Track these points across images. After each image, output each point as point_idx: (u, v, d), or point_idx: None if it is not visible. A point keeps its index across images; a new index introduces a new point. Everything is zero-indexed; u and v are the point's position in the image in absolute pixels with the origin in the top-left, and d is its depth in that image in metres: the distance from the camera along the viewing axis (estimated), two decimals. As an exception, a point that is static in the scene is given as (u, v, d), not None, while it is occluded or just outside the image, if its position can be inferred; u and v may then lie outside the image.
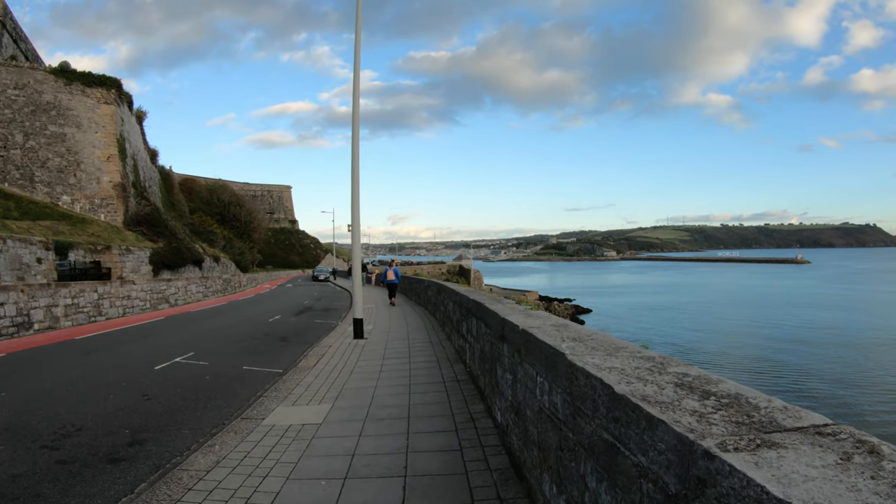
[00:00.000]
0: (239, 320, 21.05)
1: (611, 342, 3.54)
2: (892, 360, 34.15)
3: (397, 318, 19.29)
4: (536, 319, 4.89)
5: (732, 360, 35.39)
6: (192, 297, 34.63)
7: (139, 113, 55.87)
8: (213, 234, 66.19)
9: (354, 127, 13.88)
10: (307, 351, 12.85)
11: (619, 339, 3.91)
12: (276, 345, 14.42)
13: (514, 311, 5.77)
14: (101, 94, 44.14)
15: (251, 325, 18.96)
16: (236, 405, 8.37)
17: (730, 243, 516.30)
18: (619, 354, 3.10)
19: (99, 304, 24.37)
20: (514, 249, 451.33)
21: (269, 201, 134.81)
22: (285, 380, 9.58)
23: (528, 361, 4.03)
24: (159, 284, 30.62)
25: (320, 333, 16.26)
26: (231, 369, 11.22)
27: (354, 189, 13.78)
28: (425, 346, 12.28)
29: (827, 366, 32.52)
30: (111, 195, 42.10)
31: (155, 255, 37.51)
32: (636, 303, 76.65)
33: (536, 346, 3.75)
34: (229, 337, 15.94)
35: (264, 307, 27.57)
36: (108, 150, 43.18)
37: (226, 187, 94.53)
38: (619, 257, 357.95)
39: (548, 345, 3.45)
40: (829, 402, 23.98)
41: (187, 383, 9.98)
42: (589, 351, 3.20)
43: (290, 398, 8.21)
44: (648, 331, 48.65)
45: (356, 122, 13.85)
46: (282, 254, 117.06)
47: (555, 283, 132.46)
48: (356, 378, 9.24)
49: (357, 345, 13.05)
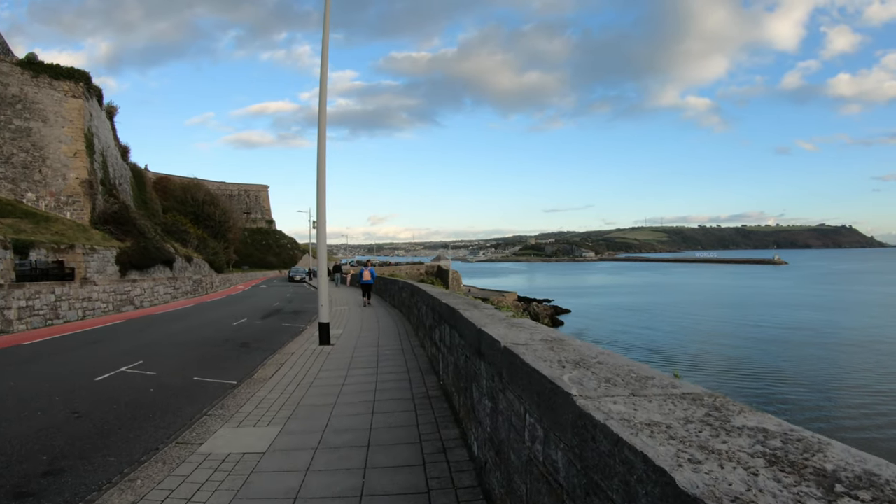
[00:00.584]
0: (202, 323, 19.80)
1: (629, 369, 2.54)
2: (864, 359, 34.24)
3: (369, 322, 18.20)
4: (522, 332, 3.87)
5: (712, 362, 35.18)
6: (159, 299, 33.20)
7: (110, 108, 54.01)
8: (187, 234, 64.40)
9: (321, 122, 12.81)
10: (267, 359, 11.73)
11: (632, 360, 2.93)
12: (236, 352, 13.25)
13: (493, 320, 4.73)
14: (69, 88, 42.38)
15: (213, 330, 17.74)
16: (177, 426, 7.27)
17: (707, 244, 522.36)
18: (650, 392, 2.10)
19: (56, 306, 22.96)
20: (493, 250, 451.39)
21: (246, 201, 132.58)
22: (236, 394, 8.48)
23: (514, 391, 3.02)
24: (123, 285, 29.20)
25: (285, 339, 15.10)
26: (180, 381, 10.08)
27: (320, 186, 12.68)
28: (396, 353, 11.22)
29: (803, 367, 32.36)
30: (78, 192, 40.39)
31: (122, 255, 35.95)
32: (615, 303, 76.49)
33: (525, 373, 2.73)
34: (187, 343, 14.74)
35: (232, 309, 26.30)
36: (75, 146, 41.45)
37: (201, 186, 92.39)
38: (597, 258, 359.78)
39: (542, 375, 2.43)
40: (803, 406, 23.94)
41: (127, 398, 8.84)
42: (603, 385, 2.20)
43: (236, 417, 7.13)
44: (628, 332, 48.43)
45: (323, 115, 12.77)
46: (258, 254, 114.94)
47: (533, 283, 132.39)
48: (314, 393, 8.15)
49: (322, 352, 11.94)
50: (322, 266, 13.11)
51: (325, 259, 13.12)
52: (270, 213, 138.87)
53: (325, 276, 12.93)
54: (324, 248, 13.21)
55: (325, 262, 13.09)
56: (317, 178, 12.63)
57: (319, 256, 13.20)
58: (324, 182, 12.64)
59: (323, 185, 12.65)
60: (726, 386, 28.63)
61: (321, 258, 13.16)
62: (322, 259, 13.17)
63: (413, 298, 14.31)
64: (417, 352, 11.12)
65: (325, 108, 12.83)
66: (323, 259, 13.18)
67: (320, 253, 13.19)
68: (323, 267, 13.11)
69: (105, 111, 51.51)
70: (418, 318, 12.66)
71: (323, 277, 12.94)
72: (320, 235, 13.05)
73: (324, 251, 13.18)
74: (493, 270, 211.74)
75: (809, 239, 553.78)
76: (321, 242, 13.15)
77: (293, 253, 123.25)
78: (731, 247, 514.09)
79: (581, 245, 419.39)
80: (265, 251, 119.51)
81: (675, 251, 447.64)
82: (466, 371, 5.03)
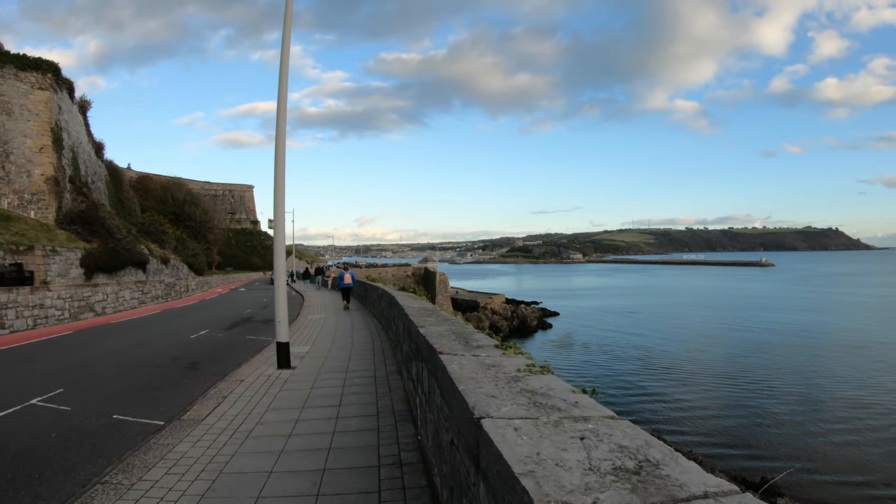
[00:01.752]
0: (159, 335, 17.64)
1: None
2: (857, 362, 34.22)
3: (343, 336, 16.11)
4: (560, 433, 1.93)
5: (703, 366, 34.37)
6: (124, 305, 30.97)
7: (83, 102, 51.39)
8: (165, 235, 61.99)
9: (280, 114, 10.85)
10: (212, 388, 9.68)
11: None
12: (180, 376, 11.15)
13: (501, 389, 2.75)
14: (36, 79, 39.97)
15: (167, 344, 15.60)
16: (56, 502, 5.28)
17: (694, 246, 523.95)
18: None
19: (1, 315, 20.76)
20: (481, 252, 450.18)
21: (231, 201, 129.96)
22: (152, 446, 6.46)
23: None
24: (83, 290, 26.96)
25: (244, 357, 13.00)
26: (96, 420, 8.04)
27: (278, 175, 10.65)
28: (366, 383, 9.20)
29: (794, 371, 32.14)
30: (43, 190, 37.98)
31: (88, 257, 33.59)
32: (604, 306, 75.87)
33: None
34: (128, 363, 12.62)
35: (199, 317, 24.16)
36: (40, 140, 39.05)
37: (182, 185, 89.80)
38: (585, 260, 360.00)
39: None
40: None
41: (18, 446, 6.85)
42: None
43: (136, 490, 5.13)
44: (618, 336, 47.26)
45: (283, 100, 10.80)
46: (243, 255, 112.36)
47: (521, 285, 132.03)
48: (249, 449, 6.12)
49: (277, 379, 9.90)
50: (280, 269, 10.93)
51: (283, 261, 10.98)
52: (255, 213, 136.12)
53: (282, 287, 10.76)
54: (282, 248, 11.10)
55: (283, 264, 10.95)
56: (275, 166, 10.61)
57: (276, 258, 11.04)
58: (282, 170, 10.62)
59: (282, 171, 10.62)
60: (717, 392, 27.91)
61: (278, 260, 11.00)
62: (280, 260, 11.00)
63: (391, 311, 12.34)
64: (393, 381, 9.12)
65: (286, 92, 10.87)
66: (281, 259, 11.02)
67: (277, 254, 11.05)
68: (281, 271, 10.93)
69: (77, 105, 48.98)
70: (396, 336, 10.68)
71: (280, 288, 10.79)
72: (278, 234, 10.93)
73: (282, 251, 11.06)
74: (480, 272, 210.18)
75: (796, 241, 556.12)
76: (279, 242, 11.03)
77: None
78: (718, 249, 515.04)
79: (569, 247, 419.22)
80: (249, 252, 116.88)
81: (662, 253, 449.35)
82: (452, 461, 3.07)
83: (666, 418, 23.42)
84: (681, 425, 22.37)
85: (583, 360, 38.44)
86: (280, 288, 10.68)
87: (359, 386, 8.96)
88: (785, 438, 20.63)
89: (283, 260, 10.95)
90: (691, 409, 24.76)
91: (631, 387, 29.51)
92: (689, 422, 22.97)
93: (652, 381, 30.87)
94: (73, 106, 46.74)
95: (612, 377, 32.09)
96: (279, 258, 10.98)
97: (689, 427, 22.26)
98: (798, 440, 20.45)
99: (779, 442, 20.33)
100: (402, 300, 10.40)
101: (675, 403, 25.68)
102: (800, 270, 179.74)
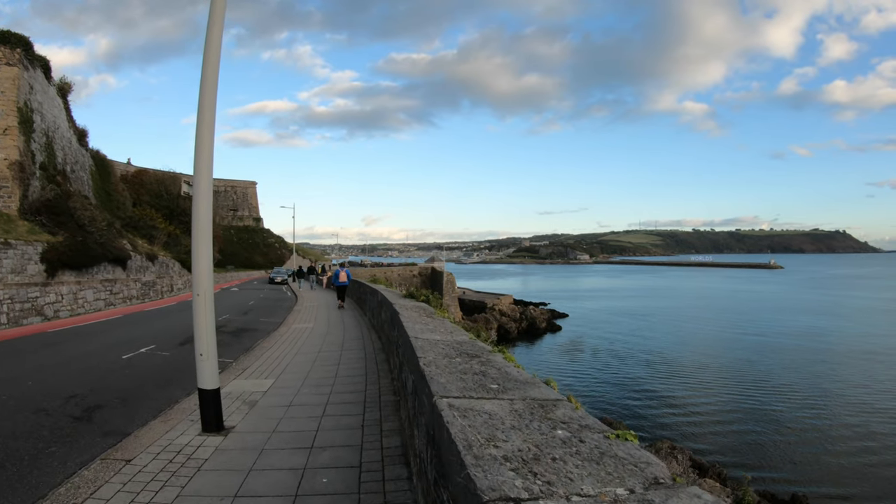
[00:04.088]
0: (86, 353, 13.25)
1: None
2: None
3: (327, 360, 11.76)
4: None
5: (723, 374, 33.34)
6: (86, 307, 26.87)
7: (63, 84, 47.22)
8: (155, 230, 58.11)
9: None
10: (76, 475, 5.52)
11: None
12: (44, 441, 6.85)
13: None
14: (3, 54, 35.96)
15: (81, 369, 11.17)
16: None
17: (701, 248, 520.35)
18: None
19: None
20: (487, 252, 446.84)
21: (233, 197, 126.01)
22: None
23: None
24: (28, 290, 22.82)
25: (174, 395, 8.80)
26: None
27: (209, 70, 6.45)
28: (344, 481, 5.04)
29: (812, 378, 31.68)
30: (6, 176, 33.93)
31: (50, 252, 29.43)
32: (614, 307, 74.11)
33: None
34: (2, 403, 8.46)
35: (158, 325, 19.76)
36: (5, 122, 35.01)
37: (177, 179, 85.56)
38: (591, 261, 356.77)
39: None
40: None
41: None
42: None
43: None
44: (629, 340, 45.70)
45: None
46: (244, 253, 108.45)
47: (528, 286, 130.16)
48: None
49: (189, 461, 5.63)
50: (200, 252, 6.40)
51: (205, 231, 6.44)
52: (258, 210, 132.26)
53: (207, 290, 6.43)
54: (205, 209, 6.58)
55: (204, 236, 6.39)
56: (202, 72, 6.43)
57: (196, 225, 6.59)
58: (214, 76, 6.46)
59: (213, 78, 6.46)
60: (736, 401, 27.07)
61: (199, 231, 6.48)
62: (201, 230, 6.47)
63: (393, 331, 8.18)
64: (394, 472, 4.95)
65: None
66: (203, 230, 6.49)
67: (197, 218, 6.57)
68: (202, 256, 6.42)
69: (56, 87, 44.91)
70: (401, 380, 6.48)
71: (204, 294, 6.41)
72: (200, 182, 6.45)
73: (205, 215, 6.55)
74: (487, 272, 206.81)
75: (803, 243, 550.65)
76: (201, 192, 6.46)
77: (281, 252, 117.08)
78: (724, 251, 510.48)
79: (575, 247, 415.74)
80: (252, 250, 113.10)
81: (669, 254, 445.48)
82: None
83: (684, 432, 22.78)
84: (700, 441, 21.86)
85: (594, 365, 37.32)
86: (203, 295, 6.37)
87: (328, 487, 4.74)
88: (801, 454, 20.32)
89: (205, 230, 6.49)
90: (715, 422, 24.20)
91: (645, 395, 28.49)
92: (710, 437, 22.52)
93: (666, 388, 29.97)
94: (49, 87, 42.68)
95: (624, 385, 31.04)
96: (201, 226, 6.50)
97: (711, 444, 21.77)
98: (813, 456, 20.09)
99: (796, 458, 19.94)
100: (410, 321, 6.17)
101: (698, 415, 25.03)
102: (809, 273, 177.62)
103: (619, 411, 25.16)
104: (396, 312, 7.17)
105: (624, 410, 25.72)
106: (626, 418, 23.72)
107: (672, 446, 18.28)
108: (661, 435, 21.60)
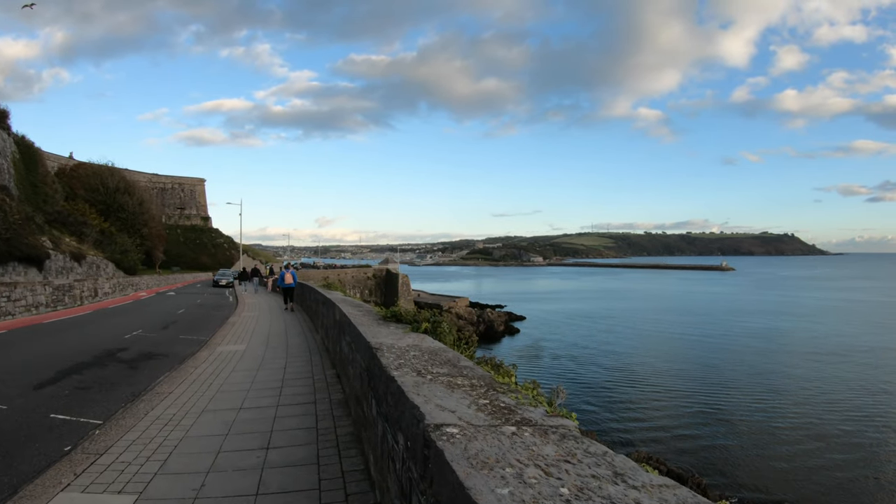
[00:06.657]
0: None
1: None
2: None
3: (253, 424, 7.58)
4: None
5: (678, 375, 33.50)
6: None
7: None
8: (85, 226, 53.37)
9: None
10: None
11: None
12: None
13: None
14: None
15: None
16: None
17: (653, 250, 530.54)
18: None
19: None
20: (441, 254, 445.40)
21: (181, 195, 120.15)
22: None
23: None
24: None
25: None
26: None
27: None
28: None
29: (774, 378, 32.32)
30: None
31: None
32: (570, 309, 73.21)
33: None
34: None
35: (38, 348, 14.79)
36: None
37: (116, 172, 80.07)
38: (545, 263, 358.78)
39: None
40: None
41: None
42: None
43: None
44: (588, 343, 44.51)
45: None
46: (191, 254, 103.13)
47: (483, 288, 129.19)
48: None
49: None
50: None
51: None
52: (206, 208, 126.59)
53: None
54: None
55: None
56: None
57: None
58: None
59: None
60: (693, 402, 27.19)
61: None
62: None
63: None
64: None
65: None
66: None
67: None
68: None
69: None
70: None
71: None
72: None
73: None
74: (441, 274, 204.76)
75: (753, 246, 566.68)
76: None
77: (230, 253, 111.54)
78: (676, 253, 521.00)
79: (529, 250, 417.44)
80: (199, 251, 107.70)
81: (621, 257, 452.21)
82: None
83: (642, 437, 22.63)
84: (659, 444, 21.56)
85: (554, 368, 36.99)
86: None
87: None
88: (750, 456, 20.35)
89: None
90: (669, 422, 24.42)
91: (603, 398, 28.51)
92: (664, 436, 22.49)
93: (623, 390, 30.20)
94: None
95: (582, 385, 31.06)
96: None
97: (663, 441, 21.90)
98: (762, 459, 20.03)
99: (747, 461, 19.94)
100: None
101: (654, 419, 24.95)
102: (761, 274, 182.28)
103: (588, 419, 23.94)
104: (392, 379, 3.05)
105: (586, 412, 25.15)
106: (591, 424, 23.01)
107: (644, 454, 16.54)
108: (624, 439, 21.85)
